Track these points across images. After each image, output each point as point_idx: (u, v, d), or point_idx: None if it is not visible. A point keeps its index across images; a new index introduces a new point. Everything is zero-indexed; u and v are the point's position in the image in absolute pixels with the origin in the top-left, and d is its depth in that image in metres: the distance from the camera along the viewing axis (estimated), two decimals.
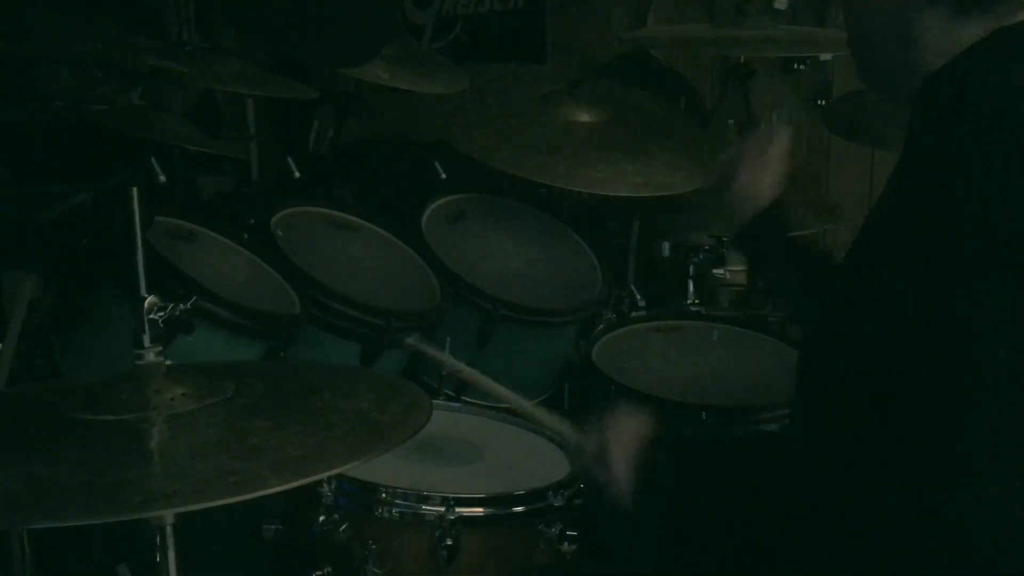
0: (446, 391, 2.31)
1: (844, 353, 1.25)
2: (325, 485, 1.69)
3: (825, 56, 3.58)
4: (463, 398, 2.38)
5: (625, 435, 1.43)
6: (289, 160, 2.62)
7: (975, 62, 1.24)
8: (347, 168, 3.02)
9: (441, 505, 1.68)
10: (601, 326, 2.48)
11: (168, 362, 1.39)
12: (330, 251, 2.43)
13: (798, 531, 1.25)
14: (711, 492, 1.36)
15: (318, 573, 1.70)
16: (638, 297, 2.62)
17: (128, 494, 1.14)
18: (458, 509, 1.68)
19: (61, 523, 1.12)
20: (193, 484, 1.15)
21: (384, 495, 1.70)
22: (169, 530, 1.32)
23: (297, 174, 2.61)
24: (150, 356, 1.36)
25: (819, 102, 3.64)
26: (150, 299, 1.36)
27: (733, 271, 3.15)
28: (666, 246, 3.06)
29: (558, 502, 1.75)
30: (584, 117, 2.56)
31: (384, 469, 1.73)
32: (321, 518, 1.69)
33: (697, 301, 2.83)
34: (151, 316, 1.36)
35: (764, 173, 1.69)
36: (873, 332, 1.20)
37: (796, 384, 1.41)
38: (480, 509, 1.72)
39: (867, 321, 1.21)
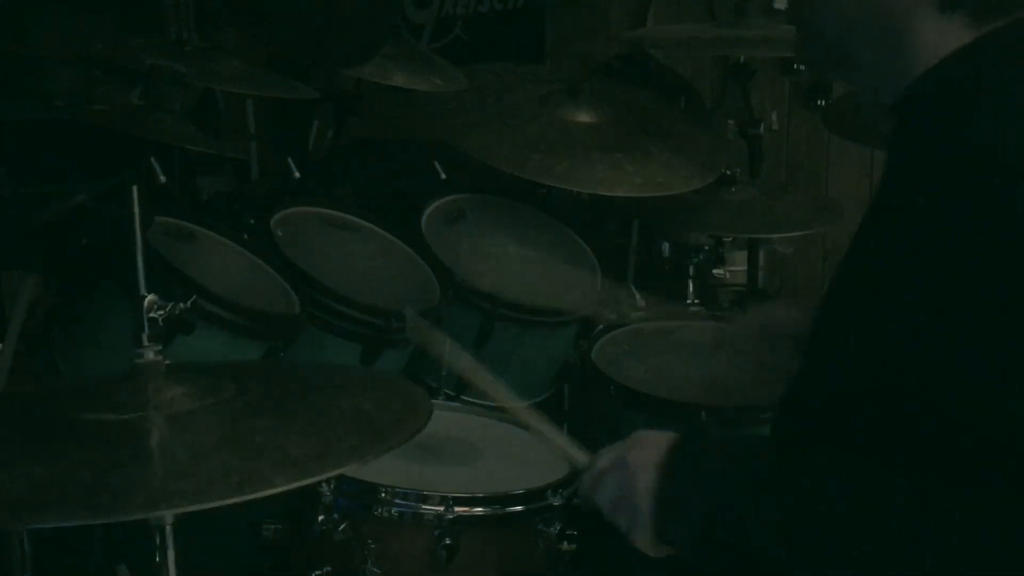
0: (446, 391, 2.32)
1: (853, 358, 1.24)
2: (324, 485, 1.69)
3: None
4: (463, 398, 2.38)
5: (648, 450, 1.31)
6: (289, 160, 2.61)
7: (984, 57, 1.20)
8: (347, 168, 3.02)
9: (440, 505, 1.68)
10: (601, 326, 2.48)
11: (167, 361, 1.39)
12: (330, 251, 2.43)
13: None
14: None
15: (318, 573, 1.70)
16: (638, 297, 2.62)
17: (130, 494, 1.14)
18: (457, 509, 1.68)
19: (63, 523, 1.12)
20: (196, 484, 1.15)
21: (383, 495, 1.70)
22: (169, 530, 1.32)
23: (297, 174, 2.60)
24: (149, 355, 1.36)
25: (819, 102, 3.64)
26: (149, 298, 1.36)
27: (733, 271, 3.15)
28: (666, 246, 3.06)
29: (557, 502, 1.75)
30: (584, 117, 2.56)
31: (384, 469, 1.73)
32: (320, 518, 1.70)
33: (697, 301, 2.83)
34: (151, 315, 1.36)
35: None
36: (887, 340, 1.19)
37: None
38: (479, 509, 1.72)
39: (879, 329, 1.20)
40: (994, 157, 1.13)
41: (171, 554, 1.33)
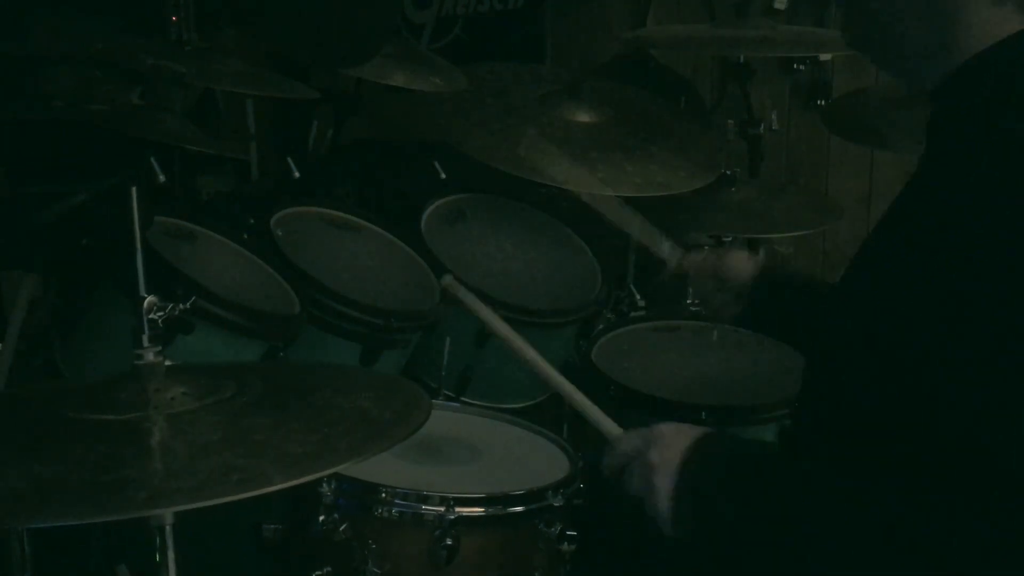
0: (446, 391, 2.32)
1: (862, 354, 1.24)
2: (325, 485, 1.69)
3: (825, 56, 3.58)
4: (463, 398, 2.38)
5: (670, 450, 1.39)
6: (289, 160, 2.61)
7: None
8: (347, 168, 3.02)
9: (441, 505, 1.68)
10: (601, 326, 2.48)
11: (168, 362, 1.39)
12: (330, 251, 2.44)
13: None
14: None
15: (318, 573, 1.70)
16: (638, 297, 2.63)
17: (132, 492, 1.14)
18: (458, 509, 1.68)
19: (66, 521, 1.12)
20: (197, 482, 1.15)
21: (384, 495, 1.70)
22: (169, 530, 1.32)
23: (297, 174, 2.61)
24: (150, 356, 1.36)
25: (819, 102, 3.64)
26: (149, 299, 1.36)
27: None
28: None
29: (557, 502, 1.74)
30: (584, 117, 2.56)
31: (384, 469, 1.73)
32: (321, 518, 1.69)
33: (697, 301, 2.83)
34: (151, 316, 1.36)
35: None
36: (897, 332, 1.19)
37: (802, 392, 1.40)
38: (480, 509, 1.72)
39: (889, 321, 1.20)
40: None
41: (171, 554, 1.33)
